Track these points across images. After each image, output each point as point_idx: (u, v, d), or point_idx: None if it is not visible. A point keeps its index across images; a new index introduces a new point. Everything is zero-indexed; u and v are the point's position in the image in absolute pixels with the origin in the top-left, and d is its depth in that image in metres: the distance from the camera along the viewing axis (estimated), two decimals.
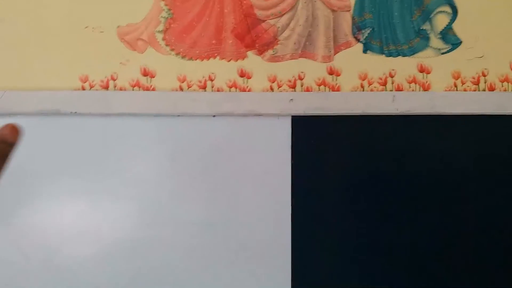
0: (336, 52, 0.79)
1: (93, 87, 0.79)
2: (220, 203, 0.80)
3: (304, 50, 0.78)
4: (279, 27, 0.78)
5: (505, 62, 0.80)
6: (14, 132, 0.33)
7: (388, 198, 0.81)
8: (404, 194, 0.81)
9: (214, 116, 0.79)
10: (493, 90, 0.80)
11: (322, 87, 0.80)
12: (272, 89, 0.80)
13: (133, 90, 0.79)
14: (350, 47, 0.79)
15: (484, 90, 0.80)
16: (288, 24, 0.78)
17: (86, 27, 0.78)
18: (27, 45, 0.78)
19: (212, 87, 0.80)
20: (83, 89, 0.79)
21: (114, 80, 0.79)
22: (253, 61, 0.79)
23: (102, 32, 0.78)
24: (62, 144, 0.79)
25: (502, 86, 0.81)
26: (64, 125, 0.78)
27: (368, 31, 0.78)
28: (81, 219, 0.79)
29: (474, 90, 0.80)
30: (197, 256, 0.80)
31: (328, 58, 0.79)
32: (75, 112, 0.77)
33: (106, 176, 0.79)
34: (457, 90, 0.80)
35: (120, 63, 0.79)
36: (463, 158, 0.81)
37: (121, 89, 0.79)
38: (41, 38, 0.78)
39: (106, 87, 0.79)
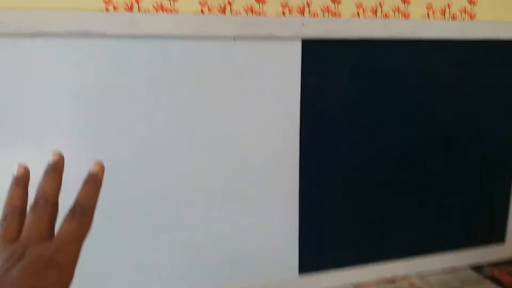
0: None
1: (117, 9, 0.81)
2: (237, 118, 0.89)
3: None
4: None
5: None
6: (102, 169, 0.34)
7: (381, 109, 0.98)
8: (393, 104, 0.98)
9: (234, 39, 0.87)
10: (455, 19, 0.99)
11: (326, 13, 0.91)
12: (284, 14, 0.89)
13: (157, 13, 0.83)
14: None
15: (448, 19, 0.99)
16: None
17: None
18: None
19: (231, 11, 0.87)
20: (107, 10, 0.80)
21: (138, 3, 0.82)
22: None
23: None
24: (87, 65, 0.80)
25: (461, 16, 1.00)
26: (92, 46, 0.80)
27: None
28: (113, 140, 0.83)
29: (441, 19, 0.98)
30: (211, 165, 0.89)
31: None
32: (104, 33, 0.79)
33: (134, 97, 0.83)
34: (429, 18, 0.98)
35: None
36: (432, 73, 1.00)
37: (145, 12, 0.82)
38: None
39: (131, 9, 0.82)
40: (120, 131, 0.84)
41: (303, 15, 0.90)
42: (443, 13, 0.98)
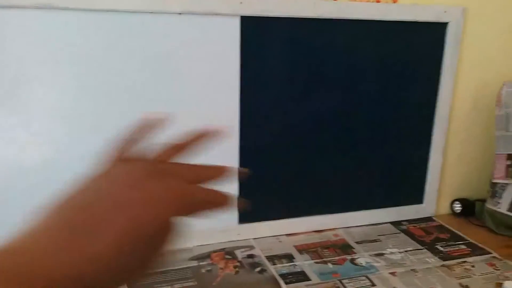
0: None
1: None
2: (181, 84, 1.03)
3: None
4: None
5: None
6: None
7: (312, 80, 1.12)
8: (323, 76, 1.12)
9: (180, 13, 0.99)
10: (378, 2, 1.13)
11: None
12: None
13: None
14: None
15: (373, 1, 1.13)
16: None
17: None
18: None
19: None
20: None
21: None
22: None
23: None
24: (49, 34, 0.92)
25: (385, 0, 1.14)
26: (54, 18, 0.92)
27: None
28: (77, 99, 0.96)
29: (367, 1, 1.12)
30: None
31: None
32: (66, 7, 0.91)
33: (90, 64, 0.96)
34: (355, 0, 1.11)
35: None
36: (358, 51, 1.14)
37: None
38: None
39: None
40: (78, 97, 0.96)
41: None
42: None
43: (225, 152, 1.08)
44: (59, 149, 0.98)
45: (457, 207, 1.34)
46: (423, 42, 1.19)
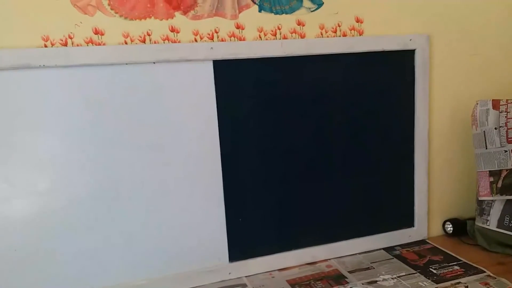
0: (240, 12, 1.10)
1: (54, 44, 0.99)
2: (162, 128, 1.07)
3: (217, 10, 1.08)
4: None
5: (351, 17, 1.19)
6: None
7: (286, 114, 1.16)
8: (297, 109, 1.16)
9: (154, 63, 1.05)
10: (345, 36, 1.19)
11: (232, 38, 1.10)
12: (196, 40, 1.08)
13: (87, 46, 1.01)
14: (249, 8, 1.10)
15: (339, 36, 1.18)
16: None
17: None
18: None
19: (150, 40, 1.05)
20: (46, 46, 0.99)
21: (71, 38, 1.00)
22: (179, 19, 1.06)
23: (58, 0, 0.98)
24: (29, 92, 0.98)
25: (351, 33, 1.19)
26: (33, 77, 0.97)
27: None
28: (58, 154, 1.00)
29: (333, 37, 1.18)
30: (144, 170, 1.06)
31: (235, 16, 1.09)
32: (43, 65, 0.97)
33: (72, 114, 1.00)
34: (322, 37, 1.17)
35: (75, 24, 1.00)
36: (329, 83, 1.19)
37: (78, 46, 1.01)
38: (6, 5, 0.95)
39: (65, 44, 1.00)
40: (62, 146, 1.00)
41: (213, 40, 1.09)
42: (335, 31, 1.18)
43: (210, 193, 1.11)
44: (36, 200, 1.01)
45: (449, 227, 1.34)
46: (394, 70, 1.24)
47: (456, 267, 1.17)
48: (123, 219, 1.07)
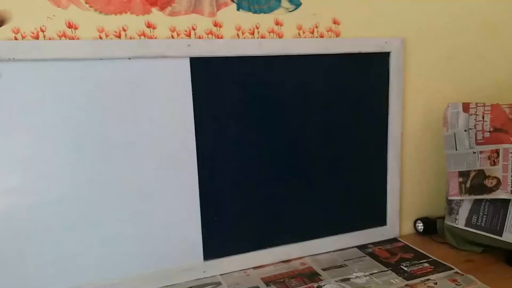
0: (218, 9, 1.09)
1: (25, 37, 0.96)
2: (136, 125, 1.06)
3: (195, 7, 1.07)
4: None
5: (328, 18, 1.20)
6: None
7: (262, 113, 1.16)
8: (273, 109, 1.17)
9: (129, 58, 1.03)
10: (322, 37, 1.20)
11: (210, 36, 1.10)
12: (173, 37, 1.07)
13: (60, 39, 0.99)
14: (227, 6, 1.10)
15: (316, 37, 1.19)
16: None
17: None
18: None
19: (126, 36, 1.04)
20: (16, 39, 0.96)
21: (43, 31, 0.98)
22: (156, 15, 1.05)
23: None
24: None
25: (328, 34, 1.21)
26: (3, 69, 0.94)
27: None
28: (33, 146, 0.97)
29: (311, 37, 1.19)
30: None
31: (212, 14, 1.09)
32: (13, 58, 0.94)
33: (42, 110, 0.98)
34: (300, 37, 1.18)
35: (47, 17, 0.97)
36: (306, 83, 1.20)
37: (50, 39, 0.98)
38: None
39: (37, 38, 0.97)
40: (33, 143, 0.98)
41: (190, 37, 1.08)
42: (312, 32, 1.18)
43: (185, 191, 1.10)
44: (12, 198, 0.98)
45: (420, 226, 1.37)
46: (369, 72, 1.26)
47: (426, 264, 1.20)
48: (97, 218, 1.05)
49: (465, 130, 1.22)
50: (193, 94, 1.08)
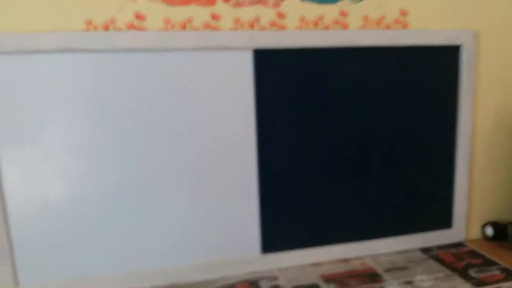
0: (282, 0, 1.08)
1: (96, 29, 1.00)
2: (199, 116, 1.06)
3: None
4: None
5: (395, 9, 1.15)
6: None
7: (325, 108, 1.13)
8: (336, 103, 1.14)
9: (194, 49, 1.04)
10: (388, 29, 1.15)
11: (273, 27, 1.08)
12: (236, 28, 1.06)
13: (128, 30, 1.01)
14: None
15: (383, 28, 1.15)
16: None
17: None
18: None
19: (191, 27, 1.04)
20: (88, 30, 0.99)
21: (113, 23, 1.00)
22: (221, 7, 1.05)
23: None
24: (73, 76, 0.98)
25: (395, 26, 1.16)
26: (76, 60, 0.98)
27: None
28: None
29: (377, 29, 1.14)
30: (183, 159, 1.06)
31: (277, 5, 1.07)
32: (86, 49, 0.97)
33: (111, 99, 1.00)
34: (365, 28, 1.14)
35: (118, 9, 1.00)
36: (370, 76, 1.15)
37: (119, 30, 1.00)
38: None
39: (107, 29, 1.00)
40: (106, 129, 1.01)
41: (253, 29, 1.07)
42: (378, 23, 1.14)
43: (245, 185, 1.10)
44: (75, 183, 1.02)
45: (489, 230, 1.29)
46: (438, 66, 1.19)
47: (497, 272, 1.12)
48: (160, 207, 1.07)
49: None
50: (255, 86, 1.07)
